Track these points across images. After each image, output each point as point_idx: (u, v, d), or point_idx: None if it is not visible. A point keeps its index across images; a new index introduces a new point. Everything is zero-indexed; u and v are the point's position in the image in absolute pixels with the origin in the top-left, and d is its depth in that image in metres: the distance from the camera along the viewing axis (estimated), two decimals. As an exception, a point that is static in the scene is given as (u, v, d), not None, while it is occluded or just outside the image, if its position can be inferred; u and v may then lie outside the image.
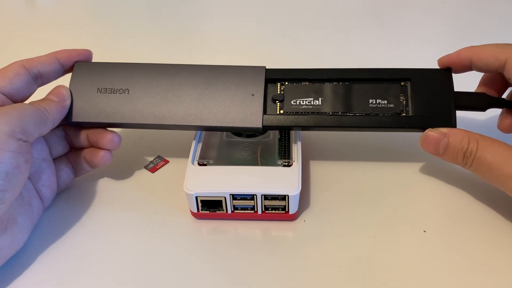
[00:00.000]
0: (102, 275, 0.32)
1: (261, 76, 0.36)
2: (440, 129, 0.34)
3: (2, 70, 0.35)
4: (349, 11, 0.64)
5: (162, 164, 0.40)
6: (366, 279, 0.31)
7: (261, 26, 0.62)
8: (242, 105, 0.36)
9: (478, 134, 0.33)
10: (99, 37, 0.62)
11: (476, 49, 0.34)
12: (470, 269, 0.31)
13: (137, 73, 0.37)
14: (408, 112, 0.35)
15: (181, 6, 0.68)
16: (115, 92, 0.36)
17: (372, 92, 0.36)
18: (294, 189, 0.33)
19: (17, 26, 0.65)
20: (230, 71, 0.37)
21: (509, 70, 0.32)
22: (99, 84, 0.37)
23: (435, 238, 0.33)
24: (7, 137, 0.29)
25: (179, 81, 0.36)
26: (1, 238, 0.30)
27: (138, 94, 0.36)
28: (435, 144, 0.34)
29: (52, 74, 0.37)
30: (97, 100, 0.36)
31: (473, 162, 0.32)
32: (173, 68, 0.37)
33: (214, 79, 0.36)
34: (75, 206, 0.37)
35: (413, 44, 0.56)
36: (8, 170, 0.29)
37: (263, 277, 0.32)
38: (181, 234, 0.35)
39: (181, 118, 0.36)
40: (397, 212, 0.36)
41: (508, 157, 0.31)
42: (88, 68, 0.37)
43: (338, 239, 0.34)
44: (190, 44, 0.59)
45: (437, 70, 0.36)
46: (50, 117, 0.34)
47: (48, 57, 0.37)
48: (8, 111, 0.31)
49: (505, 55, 0.32)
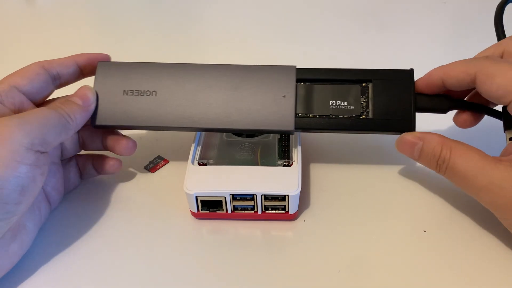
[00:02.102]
0: (102, 275, 0.32)
1: (291, 77, 0.35)
2: (416, 133, 0.34)
3: (22, 70, 0.35)
4: (349, 11, 0.64)
5: (162, 164, 0.40)
6: (366, 279, 0.31)
7: (261, 26, 0.62)
8: (273, 108, 0.35)
9: (453, 141, 0.32)
10: (99, 37, 0.62)
11: (446, 68, 0.33)
12: (470, 269, 0.31)
13: (164, 74, 0.36)
14: (368, 115, 0.35)
15: (181, 5, 0.68)
16: (142, 94, 0.35)
17: (333, 93, 0.36)
18: (294, 189, 0.33)
19: (17, 26, 0.65)
20: (259, 71, 0.36)
21: (480, 83, 0.31)
22: (126, 86, 0.36)
23: (435, 238, 0.33)
24: (25, 150, 0.28)
25: (208, 82, 0.35)
26: (11, 246, 0.30)
27: (166, 97, 0.35)
28: (410, 147, 0.34)
29: (70, 76, 0.36)
30: (124, 103, 0.35)
31: (446, 170, 0.32)
32: (200, 68, 0.36)
33: (243, 80, 0.35)
34: (75, 206, 0.37)
35: (413, 44, 0.56)
36: (24, 183, 0.28)
37: (263, 277, 0.32)
38: (181, 234, 0.35)
39: (211, 121, 0.35)
40: (397, 212, 0.36)
41: (480, 168, 0.30)
42: (112, 68, 0.36)
43: (338, 239, 0.34)
44: (190, 42, 0.59)
45: (398, 71, 0.35)
46: (73, 123, 0.33)
47: (67, 60, 0.36)
48: (29, 120, 0.30)
49: (474, 69, 0.31)
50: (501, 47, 0.34)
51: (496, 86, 0.30)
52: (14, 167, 0.28)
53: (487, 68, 0.31)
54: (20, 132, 0.29)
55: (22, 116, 0.30)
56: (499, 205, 0.30)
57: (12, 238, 0.30)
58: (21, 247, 0.31)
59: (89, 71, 0.37)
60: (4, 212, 0.28)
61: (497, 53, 0.34)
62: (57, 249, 0.33)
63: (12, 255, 0.31)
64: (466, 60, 0.33)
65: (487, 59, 0.32)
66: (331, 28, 0.61)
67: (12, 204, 0.28)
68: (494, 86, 0.30)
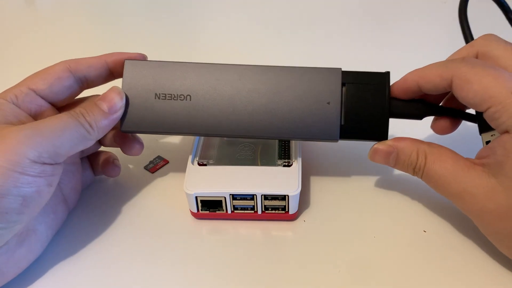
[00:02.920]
0: (101, 275, 0.32)
1: (337, 81, 0.33)
2: (388, 142, 0.33)
3: (45, 71, 0.33)
4: (349, 12, 0.64)
5: (162, 164, 0.40)
6: (366, 279, 0.31)
7: (261, 27, 0.62)
8: (316, 115, 0.33)
9: (427, 145, 0.32)
10: (99, 37, 0.62)
11: (421, 71, 0.32)
12: (470, 269, 0.31)
13: (198, 76, 0.33)
14: (340, 121, 0.33)
15: (181, 7, 0.68)
16: (175, 99, 0.33)
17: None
18: (294, 189, 0.33)
19: (17, 26, 0.65)
20: (301, 74, 0.33)
21: (456, 88, 0.30)
22: (157, 89, 0.33)
23: (435, 238, 0.33)
24: (30, 162, 0.27)
25: (245, 87, 0.33)
26: (17, 252, 0.30)
27: (202, 102, 0.33)
28: (384, 158, 0.33)
29: (99, 78, 0.34)
30: (156, 108, 0.33)
31: (422, 176, 0.32)
32: (237, 69, 0.33)
33: (283, 84, 0.33)
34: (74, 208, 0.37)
35: (413, 44, 0.56)
36: (26, 194, 0.27)
37: (263, 277, 0.32)
38: (181, 234, 0.35)
39: (249, 129, 0.33)
40: (397, 212, 0.36)
41: (454, 174, 0.30)
42: (141, 68, 0.33)
43: (338, 239, 0.34)
44: (190, 43, 0.59)
45: (374, 74, 0.33)
46: (93, 134, 0.31)
47: (97, 60, 0.34)
48: (41, 131, 0.28)
49: (450, 73, 0.30)
50: (474, 48, 0.32)
51: (473, 93, 0.29)
52: (15, 177, 0.27)
53: (464, 74, 0.29)
54: (28, 144, 0.27)
55: (35, 126, 0.29)
56: (472, 212, 0.30)
57: (18, 243, 0.30)
58: (30, 252, 0.31)
59: (121, 73, 0.34)
60: (5, 221, 0.27)
61: (471, 55, 0.33)
62: (56, 249, 0.33)
63: (19, 261, 0.30)
64: (442, 63, 0.32)
65: (463, 63, 0.30)
66: (330, 29, 0.61)
67: (13, 214, 0.27)
68: (471, 93, 0.29)
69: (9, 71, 0.54)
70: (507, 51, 0.31)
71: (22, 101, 0.32)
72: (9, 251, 0.29)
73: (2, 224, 0.27)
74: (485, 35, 0.33)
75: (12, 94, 0.32)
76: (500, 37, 0.32)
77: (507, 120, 0.28)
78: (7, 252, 0.29)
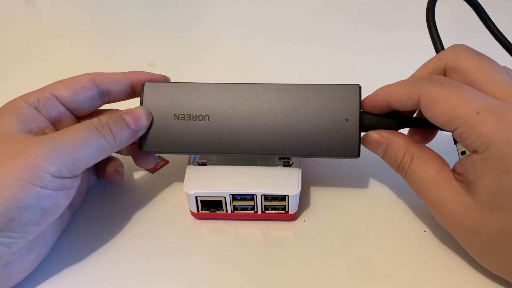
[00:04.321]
0: (101, 275, 0.32)
1: (355, 98, 0.33)
2: (382, 132, 0.33)
3: (70, 79, 0.34)
4: (348, 12, 0.64)
5: (162, 164, 0.40)
6: (366, 279, 0.31)
7: (260, 29, 0.62)
8: (335, 133, 0.33)
9: (417, 147, 0.31)
10: (98, 38, 0.62)
11: (390, 89, 0.31)
12: (470, 269, 0.31)
13: (215, 96, 0.34)
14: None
15: (180, 7, 0.68)
16: (194, 119, 0.33)
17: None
18: (294, 189, 0.33)
19: (17, 26, 0.65)
20: (318, 91, 0.33)
21: (424, 108, 0.29)
22: (176, 110, 0.34)
23: (435, 238, 0.33)
24: (51, 178, 0.28)
25: (263, 105, 0.33)
26: (27, 257, 0.30)
27: (220, 122, 0.33)
28: (374, 146, 0.33)
29: (122, 94, 0.35)
30: (176, 128, 0.33)
31: (405, 176, 0.32)
32: (254, 88, 0.34)
33: (301, 102, 0.33)
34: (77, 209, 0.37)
35: (413, 44, 0.56)
36: (46, 207, 0.28)
37: (263, 277, 0.32)
38: (181, 234, 0.35)
39: (268, 147, 0.33)
40: (397, 212, 0.36)
41: (434, 183, 0.30)
42: (160, 89, 0.34)
43: (338, 239, 0.34)
44: (190, 45, 0.59)
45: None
46: (114, 147, 0.31)
47: (122, 76, 0.35)
48: (61, 146, 0.29)
49: (417, 93, 0.29)
50: (442, 62, 0.31)
51: (440, 113, 0.28)
52: (36, 191, 0.27)
53: (430, 94, 0.29)
54: (48, 160, 0.28)
55: (55, 141, 0.29)
56: (445, 224, 0.30)
57: (29, 250, 0.30)
58: (38, 257, 0.31)
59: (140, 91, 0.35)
60: (22, 232, 0.28)
61: (439, 69, 0.32)
62: (56, 249, 0.33)
63: (27, 266, 0.31)
64: (409, 81, 0.31)
65: (430, 82, 0.29)
66: (330, 29, 0.61)
67: (32, 225, 0.28)
68: (437, 114, 0.29)
69: (8, 71, 0.54)
70: (475, 63, 0.30)
71: (43, 106, 0.32)
72: (20, 257, 0.30)
73: (19, 234, 0.28)
74: (453, 46, 0.32)
75: (34, 98, 0.32)
76: (468, 47, 0.31)
77: (475, 140, 0.27)
78: (19, 258, 0.30)
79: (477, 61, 0.30)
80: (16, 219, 0.27)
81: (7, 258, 0.28)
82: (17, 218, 0.27)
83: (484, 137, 0.27)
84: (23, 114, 0.31)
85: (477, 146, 0.27)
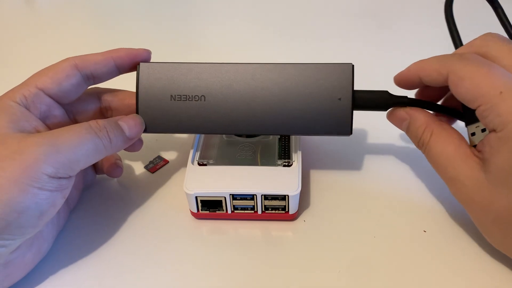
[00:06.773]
0: (101, 275, 0.32)
1: (348, 77, 0.33)
2: (406, 109, 0.34)
3: (51, 68, 0.33)
4: (348, 12, 0.64)
5: (162, 164, 0.40)
6: (366, 279, 0.31)
7: (260, 28, 0.62)
8: (329, 111, 0.33)
9: (437, 123, 0.32)
10: (98, 37, 0.62)
11: (422, 64, 0.32)
12: (470, 269, 0.31)
13: (211, 76, 0.34)
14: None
15: (180, 6, 0.68)
16: (190, 100, 0.34)
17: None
18: (294, 189, 0.33)
19: (17, 26, 0.65)
20: (312, 70, 0.34)
21: (451, 84, 0.30)
22: (172, 90, 0.34)
23: (435, 238, 0.33)
24: (48, 178, 0.28)
25: (257, 84, 0.34)
26: (27, 255, 0.30)
27: (216, 102, 0.34)
28: (398, 122, 0.34)
29: (106, 75, 0.34)
30: (172, 109, 0.34)
31: (424, 151, 0.33)
32: (249, 68, 0.34)
33: (295, 81, 0.34)
34: (75, 206, 0.37)
35: (413, 44, 0.56)
36: (43, 209, 0.28)
37: (263, 277, 0.32)
38: (181, 234, 0.35)
39: (262, 126, 0.34)
40: (397, 212, 0.36)
41: (453, 159, 0.30)
42: (155, 70, 0.34)
43: (338, 239, 0.34)
44: (190, 42, 0.59)
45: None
46: (109, 150, 0.31)
47: (104, 57, 0.34)
48: (58, 147, 0.28)
49: (447, 69, 0.30)
50: (473, 49, 0.32)
51: (465, 90, 0.29)
52: (34, 193, 0.27)
53: (458, 71, 0.30)
54: (46, 161, 0.28)
55: (53, 141, 0.29)
56: (459, 199, 0.31)
57: (28, 247, 0.30)
58: (38, 255, 0.31)
59: (127, 68, 0.35)
60: (19, 234, 0.28)
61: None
62: (56, 249, 0.33)
63: (27, 263, 0.31)
64: (441, 57, 0.32)
65: (459, 59, 0.30)
66: (330, 29, 0.61)
67: (29, 227, 0.28)
68: (463, 90, 0.29)
69: (9, 71, 0.54)
70: (505, 50, 0.31)
71: (32, 102, 0.32)
72: (20, 256, 0.30)
73: (17, 236, 0.28)
74: (484, 35, 0.32)
75: (21, 95, 0.31)
76: (499, 35, 0.32)
77: (494, 119, 0.28)
78: (18, 256, 0.30)
79: (507, 49, 0.31)
80: (14, 222, 0.27)
81: (6, 257, 0.28)
82: (14, 221, 0.27)
83: (503, 117, 0.27)
84: (15, 114, 0.31)
85: (496, 125, 0.28)
